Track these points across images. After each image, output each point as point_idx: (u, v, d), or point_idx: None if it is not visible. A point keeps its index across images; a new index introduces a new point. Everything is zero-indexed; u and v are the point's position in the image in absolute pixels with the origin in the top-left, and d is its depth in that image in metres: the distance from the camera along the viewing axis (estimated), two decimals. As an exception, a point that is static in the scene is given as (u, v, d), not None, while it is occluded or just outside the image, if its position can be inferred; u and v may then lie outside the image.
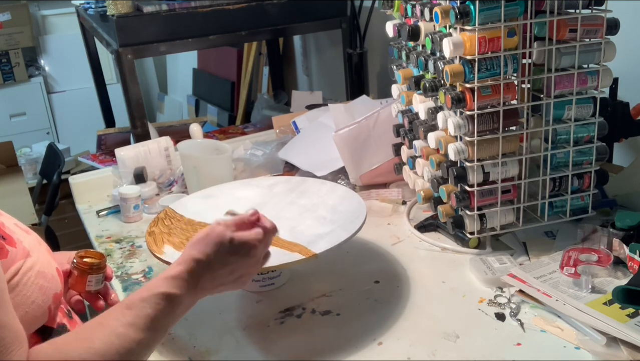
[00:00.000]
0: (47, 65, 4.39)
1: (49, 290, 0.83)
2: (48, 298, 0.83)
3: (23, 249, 0.82)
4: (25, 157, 3.24)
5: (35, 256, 0.83)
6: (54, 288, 0.85)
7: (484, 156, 1.20)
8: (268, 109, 3.05)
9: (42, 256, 0.86)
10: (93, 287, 1.00)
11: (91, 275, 1.00)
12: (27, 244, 0.84)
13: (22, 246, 0.82)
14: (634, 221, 1.19)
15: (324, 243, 1.08)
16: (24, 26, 4.18)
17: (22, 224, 0.90)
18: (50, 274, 0.85)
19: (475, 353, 0.99)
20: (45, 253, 0.89)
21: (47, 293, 0.83)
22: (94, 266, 1.00)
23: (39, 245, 0.88)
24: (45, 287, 0.82)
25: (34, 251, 0.84)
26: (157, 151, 1.72)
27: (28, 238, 0.86)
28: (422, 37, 1.30)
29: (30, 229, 0.91)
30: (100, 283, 1.02)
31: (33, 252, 0.84)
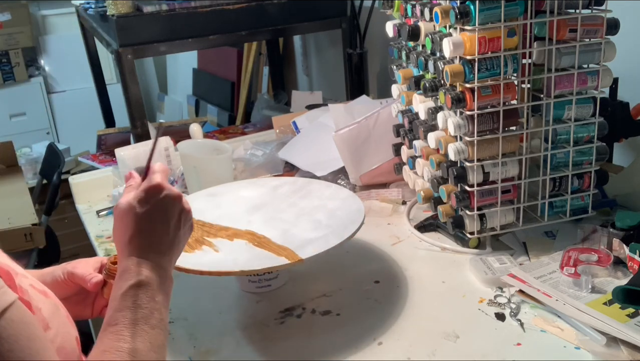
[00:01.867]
0: (47, 65, 4.39)
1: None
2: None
3: (42, 320, 0.73)
4: (25, 157, 3.24)
5: (55, 328, 0.75)
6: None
7: (484, 156, 1.20)
8: (268, 109, 3.05)
9: (62, 326, 0.77)
10: None
11: None
12: (46, 313, 0.75)
13: (41, 316, 0.73)
14: (634, 221, 1.19)
15: (313, 249, 1.08)
16: (24, 26, 4.18)
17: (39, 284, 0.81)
18: (70, 347, 0.77)
19: (475, 353, 0.99)
20: (65, 322, 0.79)
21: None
22: None
23: (58, 312, 0.79)
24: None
25: (54, 322, 0.75)
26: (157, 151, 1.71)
27: (47, 304, 0.77)
28: (422, 37, 1.30)
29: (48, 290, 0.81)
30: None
31: (52, 323, 0.75)
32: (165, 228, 0.81)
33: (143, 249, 0.79)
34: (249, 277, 1.19)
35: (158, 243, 0.81)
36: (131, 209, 0.80)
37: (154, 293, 0.78)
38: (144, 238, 0.80)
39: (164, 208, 0.81)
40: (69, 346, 0.77)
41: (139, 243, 0.80)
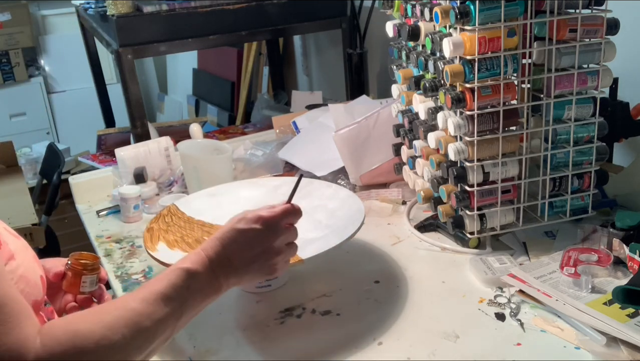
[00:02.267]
0: (47, 65, 4.39)
1: (29, 296, 0.81)
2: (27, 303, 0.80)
3: (8, 251, 0.80)
4: (25, 157, 3.24)
5: (19, 259, 0.82)
6: (35, 295, 0.83)
7: (484, 156, 1.20)
8: (268, 109, 3.05)
9: (28, 261, 0.85)
10: (87, 288, 1.00)
11: (85, 276, 0.99)
12: (14, 248, 0.82)
13: (7, 248, 0.81)
14: (634, 221, 1.19)
15: (313, 249, 1.08)
16: (24, 26, 4.18)
17: (12, 230, 0.88)
18: (33, 280, 0.84)
19: (475, 353, 0.99)
20: (31, 259, 0.87)
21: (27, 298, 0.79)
22: (88, 267, 0.99)
23: (26, 251, 0.87)
24: (26, 292, 0.80)
25: (19, 255, 0.83)
26: (157, 151, 1.72)
27: (16, 242, 0.85)
28: (422, 37, 1.30)
29: (20, 236, 0.89)
30: (95, 284, 1.01)
31: (18, 255, 0.82)
32: (241, 253, 0.88)
33: (214, 251, 0.86)
34: (249, 277, 1.19)
35: (229, 258, 0.87)
36: (237, 220, 0.89)
37: (192, 285, 0.83)
38: (220, 244, 0.87)
39: (251, 238, 0.88)
40: (32, 278, 0.83)
41: (214, 245, 0.87)
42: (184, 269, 0.83)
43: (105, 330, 0.73)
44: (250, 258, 0.88)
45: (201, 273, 0.84)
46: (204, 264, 0.85)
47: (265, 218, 0.89)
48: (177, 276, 0.82)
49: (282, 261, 0.92)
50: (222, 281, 0.87)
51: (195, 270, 0.84)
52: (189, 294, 0.82)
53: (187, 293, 0.82)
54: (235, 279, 0.88)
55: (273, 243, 0.90)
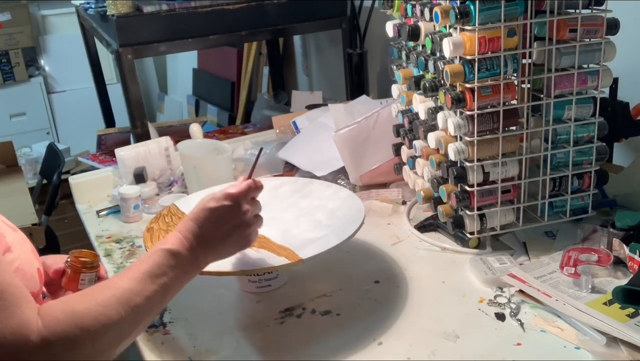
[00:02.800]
0: (47, 65, 4.39)
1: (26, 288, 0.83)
2: None
3: (5, 243, 0.84)
4: (25, 157, 3.23)
5: (16, 252, 0.85)
6: (32, 287, 0.86)
7: (484, 156, 1.20)
8: (268, 109, 3.05)
9: (25, 254, 0.88)
10: (86, 286, 1.01)
11: (84, 274, 1.02)
12: (10, 240, 0.85)
13: (4, 240, 0.84)
14: (634, 221, 1.19)
15: (313, 249, 1.08)
16: (24, 26, 4.17)
17: (10, 223, 0.91)
18: (30, 273, 0.87)
19: (475, 353, 0.99)
20: (28, 252, 0.90)
21: None
22: (87, 265, 1.02)
23: (24, 243, 0.90)
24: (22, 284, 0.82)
25: (16, 248, 0.86)
26: (157, 151, 1.72)
27: (13, 235, 0.88)
28: (422, 37, 1.30)
29: (18, 228, 0.92)
30: (93, 282, 1.03)
31: (15, 248, 0.85)
32: (215, 229, 0.94)
33: (191, 232, 0.92)
34: (249, 277, 1.19)
35: (202, 236, 0.93)
36: (207, 200, 0.95)
37: (175, 264, 0.88)
38: (194, 224, 0.93)
39: (222, 215, 0.95)
40: (29, 270, 0.87)
41: (189, 226, 0.93)
42: (166, 250, 0.89)
43: (100, 308, 0.78)
44: (225, 233, 0.95)
45: (182, 252, 0.90)
46: (183, 245, 0.91)
47: (234, 195, 0.95)
48: (160, 257, 0.88)
49: (254, 233, 1.00)
50: (201, 258, 0.93)
51: (176, 250, 0.89)
52: (173, 272, 0.88)
53: (171, 272, 0.87)
54: (213, 255, 0.95)
55: (243, 216, 0.96)
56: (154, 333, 1.11)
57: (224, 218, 0.95)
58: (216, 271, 1.05)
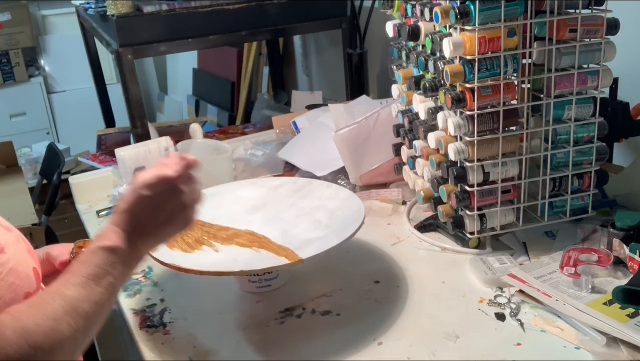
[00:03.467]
0: (47, 65, 4.39)
1: (20, 288, 0.82)
2: (18, 296, 0.82)
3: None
4: (25, 157, 3.24)
5: (10, 253, 0.83)
6: (27, 287, 0.84)
7: (484, 156, 1.20)
8: (268, 109, 3.05)
9: (19, 254, 0.86)
10: None
11: None
12: (4, 241, 0.83)
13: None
14: (634, 221, 1.19)
15: (313, 249, 1.08)
16: (24, 26, 4.17)
17: (5, 221, 0.89)
18: (25, 273, 0.85)
19: (475, 353, 0.99)
20: (23, 252, 0.88)
21: (17, 291, 0.82)
22: None
23: (18, 243, 0.88)
24: (16, 285, 0.82)
25: (10, 248, 0.84)
26: (157, 151, 1.72)
27: (7, 235, 0.86)
28: (422, 37, 1.30)
29: (13, 227, 0.90)
30: None
31: (8, 249, 0.83)
32: (153, 216, 0.87)
33: (126, 223, 0.86)
34: (249, 277, 1.19)
35: (142, 225, 0.87)
36: (136, 185, 0.87)
37: (116, 260, 0.84)
38: (132, 214, 0.87)
39: (161, 200, 0.87)
40: (23, 271, 0.84)
41: (126, 217, 0.86)
42: (104, 248, 0.84)
43: (50, 322, 0.75)
44: (163, 218, 0.88)
45: (121, 247, 0.85)
46: (121, 238, 0.85)
47: (169, 178, 0.87)
48: (100, 257, 0.83)
49: (193, 211, 0.92)
50: (141, 247, 0.88)
51: (115, 246, 0.84)
52: (116, 269, 0.84)
53: (114, 269, 0.83)
54: (153, 241, 0.89)
55: (181, 198, 0.89)
56: (154, 333, 1.11)
57: (161, 204, 0.88)
58: (216, 271, 1.05)
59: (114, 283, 0.83)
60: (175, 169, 0.88)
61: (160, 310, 1.18)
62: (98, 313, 0.81)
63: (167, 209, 0.88)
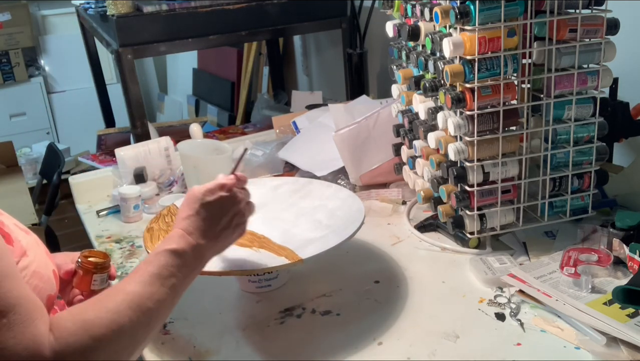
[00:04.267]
0: (47, 65, 4.39)
1: (43, 291, 0.83)
2: (42, 298, 0.82)
3: (20, 248, 0.83)
4: (25, 157, 3.23)
5: (31, 256, 0.84)
6: (49, 290, 0.85)
7: (484, 156, 1.20)
8: (268, 109, 3.05)
9: (40, 256, 0.87)
10: (97, 286, 1.01)
11: (96, 275, 1.00)
12: (25, 244, 0.84)
13: (19, 245, 0.83)
14: (634, 221, 1.19)
15: (313, 249, 1.08)
16: (24, 26, 4.17)
17: (22, 225, 0.90)
18: (47, 275, 0.86)
19: (475, 353, 0.99)
20: (43, 254, 0.89)
21: (41, 294, 0.82)
22: (99, 266, 1.01)
23: (37, 246, 0.89)
24: (40, 287, 0.82)
25: (31, 251, 0.85)
26: (157, 151, 1.72)
27: (27, 238, 0.87)
28: (422, 37, 1.30)
29: (30, 230, 0.91)
30: (105, 282, 1.02)
31: (30, 252, 0.84)
32: (217, 221, 0.93)
33: (191, 228, 0.91)
34: (249, 277, 1.19)
35: (205, 230, 0.92)
36: (199, 195, 0.94)
37: (181, 263, 0.87)
38: (196, 220, 0.92)
39: (222, 205, 0.94)
40: (45, 273, 0.86)
41: (191, 222, 0.92)
42: (171, 251, 0.87)
43: (112, 315, 0.76)
44: (225, 224, 0.94)
45: (187, 250, 0.88)
46: (188, 242, 0.89)
47: (228, 185, 0.95)
48: (167, 257, 0.86)
49: (247, 220, 1.00)
50: (205, 253, 0.92)
51: (182, 249, 0.88)
52: (181, 272, 0.86)
53: (179, 272, 0.86)
54: (215, 248, 0.94)
55: (239, 205, 0.96)
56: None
57: (223, 209, 0.94)
58: (216, 271, 1.05)
59: (178, 284, 0.86)
60: (231, 179, 0.96)
61: (160, 310, 1.18)
62: (160, 311, 0.83)
63: (228, 215, 0.95)
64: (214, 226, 0.93)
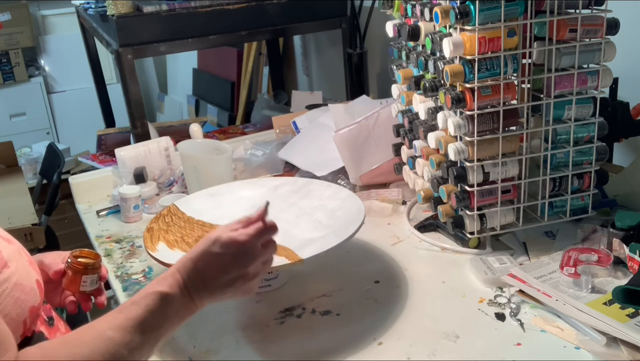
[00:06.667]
0: (47, 65, 4.39)
1: (25, 303, 0.80)
2: (24, 311, 0.80)
3: (1, 259, 0.79)
4: (25, 157, 3.23)
5: (13, 267, 0.80)
6: (32, 301, 0.82)
7: (484, 156, 1.20)
8: (268, 109, 3.05)
9: (22, 267, 0.83)
10: (88, 287, 0.99)
11: (86, 275, 0.98)
12: (6, 254, 0.81)
13: (0, 256, 0.80)
14: (634, 221, 1.19)
15: (313, 249, 1.08)
16: (24, 26, 4.17)
17: (5, 233, 0.87)
18: (29, 286, 0.82)
19: (475, 353, 0.99)
20: (25, 264, 0.85)
21: (23, 306, 0.80)
22: (89, 267, 0.98)
23: (20, 256, 0.85)
24: (22, 300, 0.79)
25: (13, 262, 0.81)
26: (157, 151, 1.72)
27: (8, 248, 0.83)
28: (422, 37, 1.30)
29: (13, 238, 0.88)
30: (95, 283, 1.00)
31: (12, 263, 0.80)
32: (219, 276, 0.86)
33: (190, 273, 0.85)
34: (249, 277, 1.19)
35: (205, 280, 0.86)
36: (211, 242, 0.87)
37: (169, 311, 0.83)
38: (199, 267, 0.86)
39: (229, 263, 0.86)
40: (27, 284, 0.82)
41: (192, 267, 0.86)
42: (160, 294, 0.82)
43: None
44: (226, 282, 0.87)
45: (177, 296, 0.84)
46: (180, 287, 0.84)
47: (240, 243, 0.86)
48: (154, 301, 0.82)
49: (257, 282, 0.91)
50: (197, 302, 0.86)
51: (172, 294, 0.83)
52: (165, 319, 0.82)
53: (164, 319, 0.82)
54: (209, 300, 0.87)
55: (249, 267, 0.88)
56: (154, 333, 1.11)
57: (228, 267, 0.86)
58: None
59: (160, 333, 0.82)
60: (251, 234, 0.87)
61: (160, 310, 1.18)
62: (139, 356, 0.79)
63: (232, 274, 0.87)
64: (211, 280, 0.86)
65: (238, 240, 0.86)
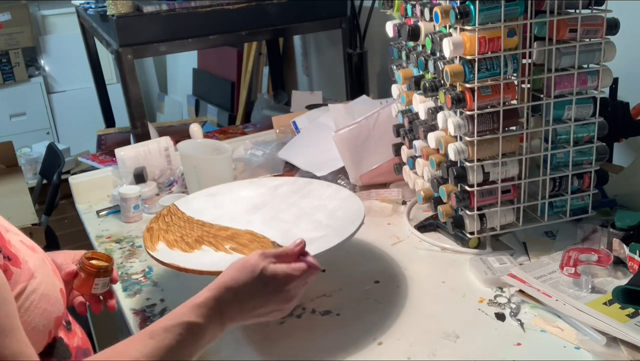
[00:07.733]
0: (47, 65, 4.39)
1: (52, 314, 0.80)
2: (50, 322, 0.80)
3: (28, 270, 0.79)
4: (25, 157, 3.23)
5: (39, 277, 0.80)
6: (57, 312, 0.82)
7: (484, 156, 1.20)
8: (268, 109, 3.05)
9: (47, 277, 0.83)
10: (99, 290, 0.99)
11: (98, 278, 0.98)
12: (32, 265, 0.81)
13: (27, 266, 0.79)
14: (634, 221, 1.19)
15: (313, 249, 1.07)
16: (24, 26, 4.18)
17: (29, 240, 0.87)
18: (54, 297, 0.82)
19: (475, 353, 0.99)
20: (50, 274, 0.85)
21: (49, 317, 0.80)
22: (102, 270, 0.98)
23: (44, 265, 0.85)
24: (48, 311, 0.79)
25: (39, 272, 0.81)
26: (157, 151, 1.72)
27: (34, 258, 0.83)
28: (422, 37, 1.30)
29: (37, 246, 0.87)
30: (107, 286, 1.00)
31: (38, 273, 0.80)
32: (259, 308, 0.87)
33: (230, 305, 0.85)
34: (249, 277, 1.19)
35: (243, 310, 0.86)
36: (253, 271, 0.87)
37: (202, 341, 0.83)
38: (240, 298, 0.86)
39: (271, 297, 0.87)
40: (53, 295, 0.82)
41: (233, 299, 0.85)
42: (195, 326, 0.82)
43: None
44: (262, 313, 0.88)
45: (211, 327, 0.83)
46: (216, 319, 0.84)
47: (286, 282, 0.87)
48: (187, 331, 0.81)
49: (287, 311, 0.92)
50: (228, 326, 0.87)
51: (206, 326, 0.83)
52: (196, 349, 0.82)
53: (195, 349, 0.82)
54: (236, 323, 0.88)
55: (282, 305, 0.89)
56: (154, 333, 1.11)
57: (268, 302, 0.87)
58: (216, 271, 1.05)
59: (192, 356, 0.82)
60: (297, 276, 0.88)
61: (160, 309, 1.18)
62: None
63: (271, 308, 0.88)
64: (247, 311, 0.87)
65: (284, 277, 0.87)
